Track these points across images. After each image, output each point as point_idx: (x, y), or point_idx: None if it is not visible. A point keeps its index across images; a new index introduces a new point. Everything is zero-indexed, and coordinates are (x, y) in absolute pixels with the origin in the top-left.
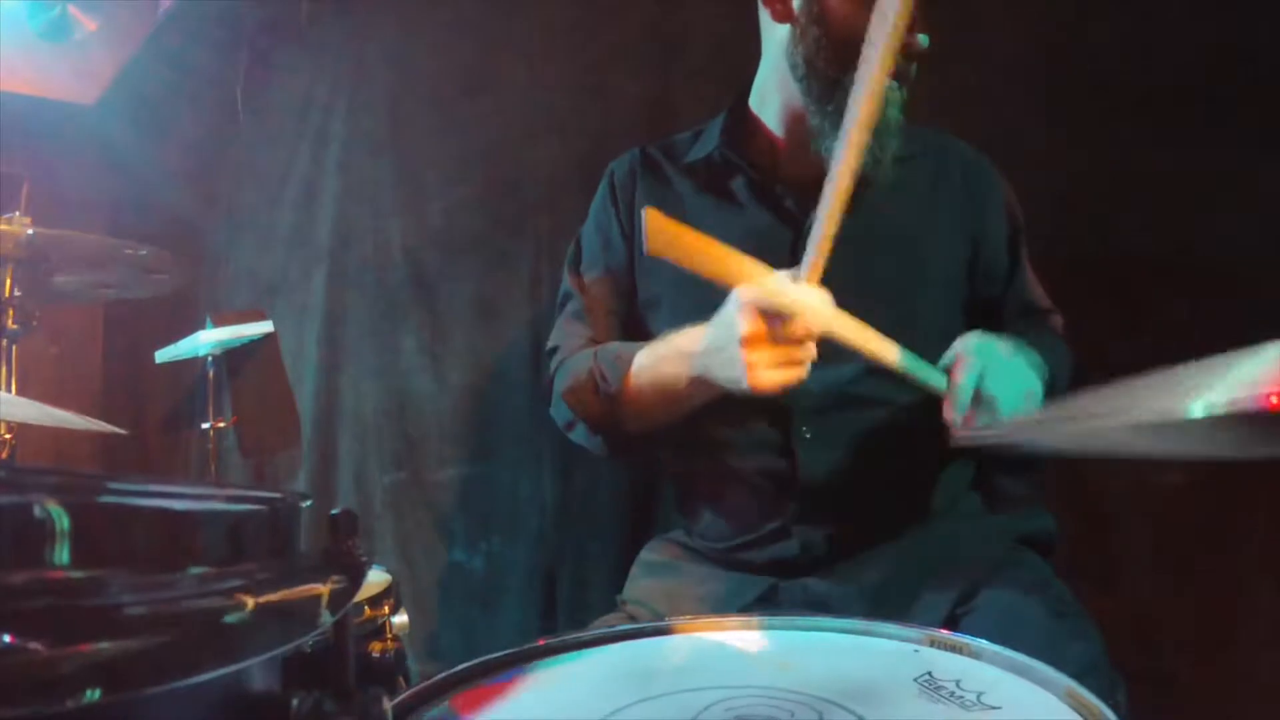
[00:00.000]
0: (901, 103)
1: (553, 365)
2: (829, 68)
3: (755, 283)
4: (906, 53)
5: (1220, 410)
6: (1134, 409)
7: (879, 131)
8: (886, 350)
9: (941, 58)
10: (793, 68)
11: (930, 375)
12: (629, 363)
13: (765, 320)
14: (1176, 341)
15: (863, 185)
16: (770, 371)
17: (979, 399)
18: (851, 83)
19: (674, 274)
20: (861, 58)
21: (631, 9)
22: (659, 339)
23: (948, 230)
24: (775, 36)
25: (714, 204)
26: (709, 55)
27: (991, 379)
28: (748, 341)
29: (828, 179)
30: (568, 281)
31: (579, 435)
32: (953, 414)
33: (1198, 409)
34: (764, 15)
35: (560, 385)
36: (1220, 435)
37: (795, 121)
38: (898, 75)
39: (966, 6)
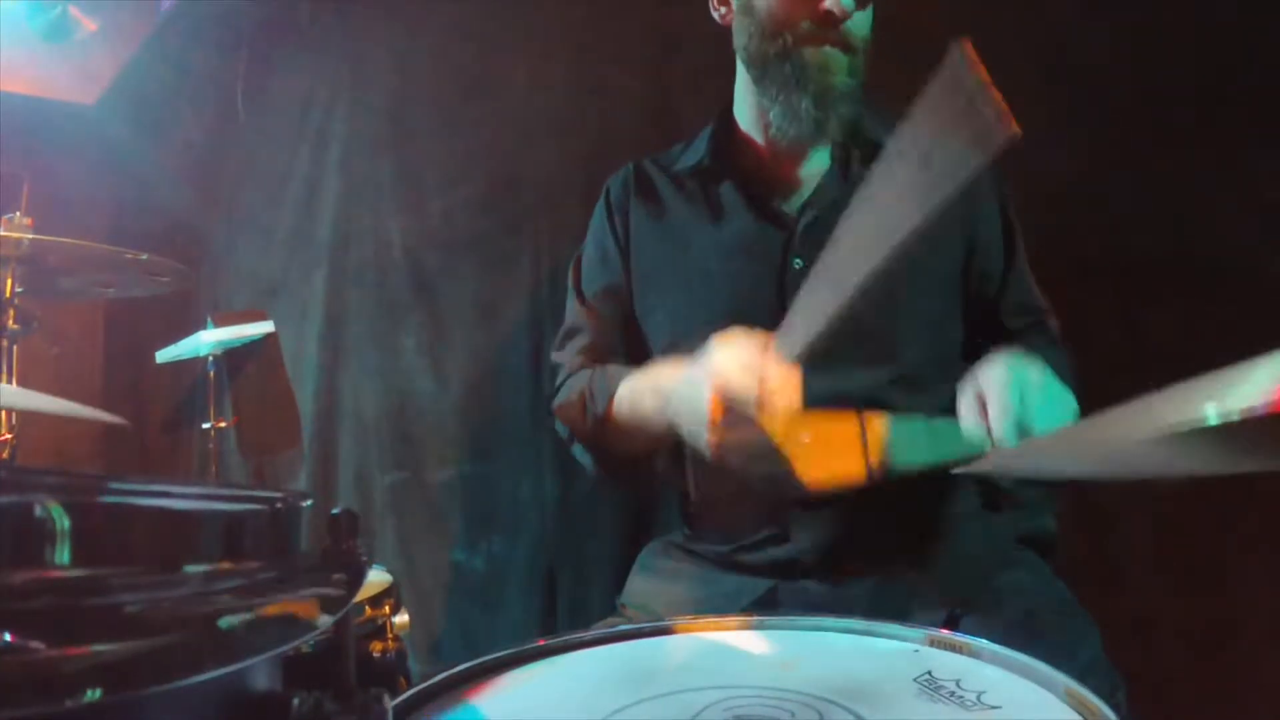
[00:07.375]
0: (850, 68)
1: (557, 381)
2: (764, 44)
3: (732, 360)
4: (825, 19)
5: (1235, 416)
6: (1150, 421)
7: (822, 96)
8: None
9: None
10: (741, 61)
11: (955, 443)
12: (615, 388)
13: (729, 406)
14: (1177, 342)
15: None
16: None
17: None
18: (789, 59)
19: (668, 283)
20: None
21: (631, 9)
22: (646, 369)
23: (940, 229)
24: (734, 41)
25: (704, 213)
26: (709, 55)
27: (1039, 415)
28: (711, 421)
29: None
30: (571, 298)
31: (576, 452)
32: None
33: (1213, 415)
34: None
35: (557, 401)
36: (1233, 443)
37: (770, 123)
38: (835, 42)
39: (966, 7)
